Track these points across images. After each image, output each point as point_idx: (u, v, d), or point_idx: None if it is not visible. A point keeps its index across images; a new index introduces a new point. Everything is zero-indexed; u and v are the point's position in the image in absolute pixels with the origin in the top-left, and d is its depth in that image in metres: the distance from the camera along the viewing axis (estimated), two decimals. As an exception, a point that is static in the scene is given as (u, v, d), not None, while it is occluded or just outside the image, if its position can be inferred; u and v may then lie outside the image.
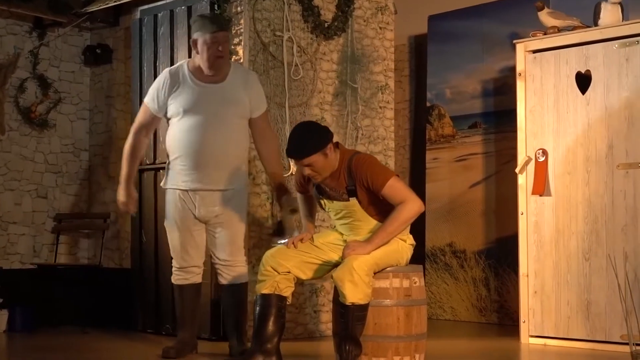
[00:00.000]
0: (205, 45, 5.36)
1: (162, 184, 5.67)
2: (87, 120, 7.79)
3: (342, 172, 4.96)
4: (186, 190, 5.46)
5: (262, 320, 4.98)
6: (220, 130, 5.42)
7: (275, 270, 4.96)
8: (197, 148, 5.39)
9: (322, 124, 5.15)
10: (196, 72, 5.47)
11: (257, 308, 5.01)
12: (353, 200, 4.94)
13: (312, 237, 5.12)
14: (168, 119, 5.54)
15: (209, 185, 5.45)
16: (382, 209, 4.94)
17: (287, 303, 5.05)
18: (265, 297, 4.98)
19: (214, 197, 5.47)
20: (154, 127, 5.73)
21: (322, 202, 5.09)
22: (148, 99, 5.56)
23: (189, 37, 6.50)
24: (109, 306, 7.26)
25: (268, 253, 5.05)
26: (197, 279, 5.67)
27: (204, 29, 5.37)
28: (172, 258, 5.69)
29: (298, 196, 5.36)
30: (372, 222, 4.98)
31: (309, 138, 4.88)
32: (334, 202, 5.01)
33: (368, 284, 4.74)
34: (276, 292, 4.98)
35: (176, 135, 5.46)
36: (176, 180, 5.50)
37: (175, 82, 5.46)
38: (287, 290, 5.01)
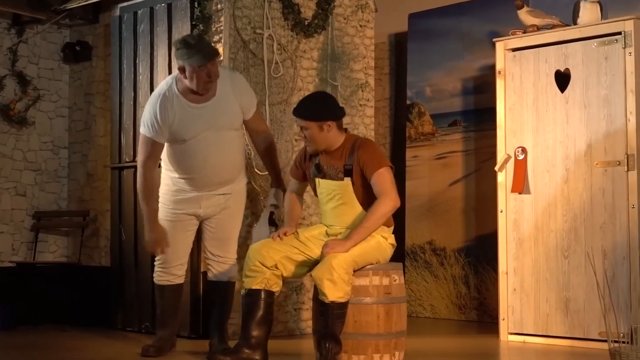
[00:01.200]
0: (194, 74, 5.24)
1: (160, 189, 5.60)
2: (66, 117, 7.75)
3: (345, 152, 5.05)
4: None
5: (250, 315, 5.00)
6: (222, 145, 5.39)
7: (264, 265, 4.97)
8: (203, 171, 5.39)
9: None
10: (187, 93, 5.35)
11: (246, 303, 5.02)
12: (347, 180, 5.01)
13: (297, 231, 5.16)
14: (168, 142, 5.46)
15: (217, 191, 5.49)
16: (368, 196, 5.01)
17: (275, 298, 5.10)
18: (255, 293, 4.99)
19: (221, 195, 5.50)
20: (160, 152, 5.45)
21: (316, 180, 5.13)
22: (146, 130, 5.35)
23: (169, 34, 6.49)
24: (88, 304, 7.23)
25: (254, 247, 5.05)
26: (180, 280, 5.66)
27: (191, 60, 5.21)
28: (154, 256, 5.66)
29: (290, 181, 5.42)
30: (358, 208, 5.05)
31: (315, 105, 5.06)
32: (328, 180, 5.07)
33: (347, 282, 4.75)
34: (266, 288, 5.00)
35: (179, 158, 5.41)
36: (178, 187, 5.49)
37: (171, 110, 5.32)
38: (276, 286, 5.05)
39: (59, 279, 7.30)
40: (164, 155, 5.50)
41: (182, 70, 5.30)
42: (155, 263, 5.66)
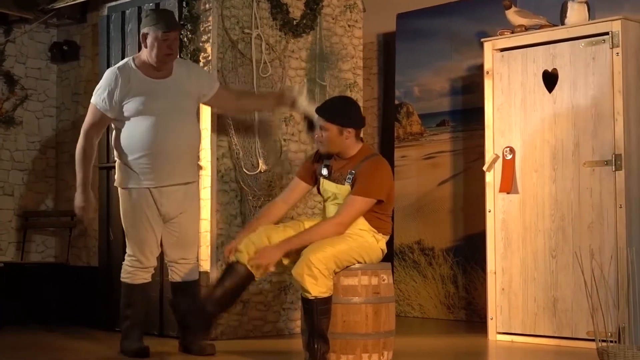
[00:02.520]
0: (156, 42, 5.34)
1: (117, 183, 5.56)
2: (53, 117, 7.73)
3: (355, 161, 5.04)
4: (149, 189, 5.42)
5: (223, 282, 4.99)
6: (179, 125, 5.42)
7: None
8: (161, 146, 5.36)
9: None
10: (144, 68, 5.42)
11: (226, 271, 5.02)
12: (347, 185, 5.02)
13: (303, 220, 5.25)
14: (118, 119, 5.42)
15: (175, 179, 5.44)
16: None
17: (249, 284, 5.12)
18: (241, 268, 4.95)
19: (179, 192, 5.47)
20: (104, 127, 5.54)
21: (321, 179, 5.17)
22: (97, 100, 5.38)
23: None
24: (76, 304, 7.21)
25: (262, 231, 5.03)
26: (150, 277, 5.64)
27: (157, 26, 5.33)
28: (130, 257, 5.58)
29: (292, 181, 5.43)
30: None
31: (340, 108, 5.10)
32: (332, 182, 5.09)
33: (328, 277, 4.77)
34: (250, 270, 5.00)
35: (136, 134, 5.38)
36: (139, 179, 5.42)
37: (126, 81, 5.35)
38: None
39: (47, 278, 7.28)
40: (120, 142, 5.44)
41: (144, 37, 5.39)
42: (129, 265, 5.60)
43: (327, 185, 5.13)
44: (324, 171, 5.15)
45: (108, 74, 5.47)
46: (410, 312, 8.02)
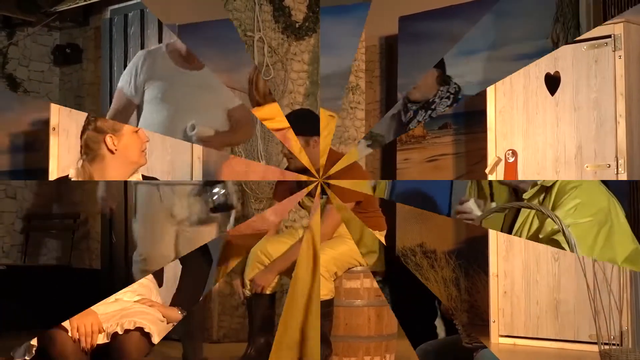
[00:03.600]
0: None
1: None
2: (56, 120, 7.73)
3: (326, 170, 5.02)
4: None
5: (255, 320, 5.06)
6: (197, 119, 5.35)
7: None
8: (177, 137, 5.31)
9: None
10: (175, 55, 5.33)
11: (251, 306, 5.07)
12: (324, 198, 5.00)
13: (297, 229, 5.25)
14: (141, 106, 5.36)
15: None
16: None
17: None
18: (262, 297, 5.03)
19: (187, 188, 5.43)
20: (129, 116, 5.39)
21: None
22: (123, 84, 5.29)
23: (160, 37, 6.49)
24: (78, 307, 7.20)
25: (256, 249, 5.06)
26: None
27: None
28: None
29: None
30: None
31: (303, 120, 5.09)
32: (308, 196, 5.08)
33: (329, 279, 4.78)
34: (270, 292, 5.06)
35: (151, 123, 5.29)
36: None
37: (152, 64, 5.28)
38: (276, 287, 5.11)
39: (49, 281, 7.28)
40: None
41: None
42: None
43: (305, 200, 5.13)
44: (299, 186, 5.15)
45: (135, 56, 5.38)
46: (413, 314, 8.01)
